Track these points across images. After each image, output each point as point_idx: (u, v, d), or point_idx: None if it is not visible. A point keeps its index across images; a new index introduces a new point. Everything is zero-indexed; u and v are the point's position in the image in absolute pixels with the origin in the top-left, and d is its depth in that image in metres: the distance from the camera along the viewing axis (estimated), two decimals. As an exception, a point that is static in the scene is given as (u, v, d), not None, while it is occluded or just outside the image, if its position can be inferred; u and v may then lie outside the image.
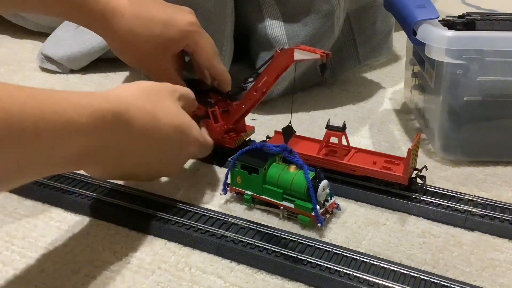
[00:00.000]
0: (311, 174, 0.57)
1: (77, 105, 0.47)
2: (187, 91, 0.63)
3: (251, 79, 0.66)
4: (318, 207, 0.56)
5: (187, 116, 0.59)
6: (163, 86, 0.59)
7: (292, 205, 0.58)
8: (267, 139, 0.70)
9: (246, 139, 0.71)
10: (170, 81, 0.68)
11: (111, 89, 0.55)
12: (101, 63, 1.00)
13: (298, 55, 0.56)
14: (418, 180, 0.63)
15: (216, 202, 0.63)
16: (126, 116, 0.51)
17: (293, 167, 0.59)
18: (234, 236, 0.55)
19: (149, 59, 0.67)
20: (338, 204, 0.60)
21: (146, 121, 0.54)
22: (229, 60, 0.82)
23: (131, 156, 0.55)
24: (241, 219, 0.58)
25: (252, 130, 0.72)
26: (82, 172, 0.64)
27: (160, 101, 0.56)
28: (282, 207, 0.59)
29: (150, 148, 0.56)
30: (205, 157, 0.66)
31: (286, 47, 0.80)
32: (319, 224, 0.56)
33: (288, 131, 0.59)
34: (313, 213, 0.56)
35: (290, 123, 0.58)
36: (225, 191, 0.62)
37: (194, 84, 0.72)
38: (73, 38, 1.01)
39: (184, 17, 0.66)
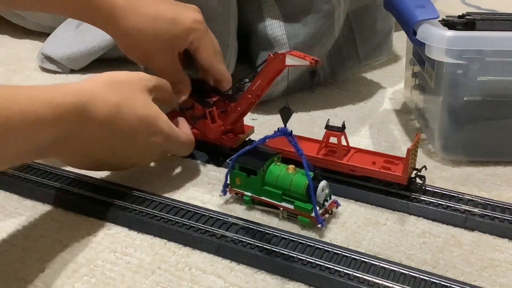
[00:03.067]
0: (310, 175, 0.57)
1: (42, 100, 0.50)
2: (162, 82, 0.64)
3: (246, 80, 0.66)
4: (317, 207, 0.56)
5: (154, 107, 0.61)
6: (132, 77, 0.61)
7: (291, 206, 0.58)
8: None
9: (246, 139, 0.71)
10: (176, 77, 0.69)
11: (78, 81, 0.58)
12: (101, 63, 1.00)
13: (290, 60, 0.56)
14: (418, 180, 0.63)
15: (216, 202, 0.63)
16: (89, 108, 0.54)
17: (291, 167, 0.59)
18: (234, 236, 0.55)
19: (155, 56, 0.68)
20: (338, 202, 0.60)
21: (109, 112, 0.56)
22: (234, 59, 0.82)
23: (97, 145, 0.58)
24: (241, 219, 0.58)
25: (251, 130, 0.72)
26: (84, 172, 0.65)
27: (126, 93, 0.58)
28: (281, 208, 0.59)
29: (115, 138, 0.58)
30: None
31: (286, 47, 0.81)
32: (319, 226, 0.56)
33: (285, 112, 0.57)
34: (313, 214, 0.56)
35: (287, 104, 0.57)
36: (224, 192, 0.62)
37: (197, 84, 0.72)
38: (73, 38, 1.01)
39: (190, 14, 0.67)
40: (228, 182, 0.62)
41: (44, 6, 0.68)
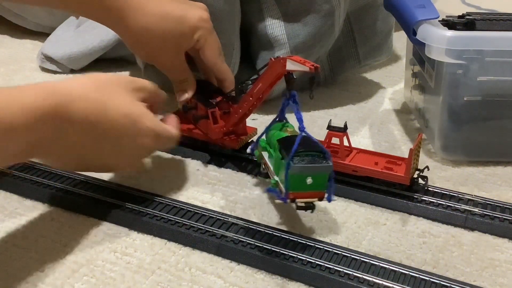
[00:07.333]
0: None
1: (17, 106, 0.48)
2: (146, 83, 0.62)
3: (249, 82, 0.66)
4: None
5: (140, 106, 0.58)
6: (117, 77, 0.60)
7: None
8: None
9: (249, 141, 0.71)
10: (182, 76, 0.70)
11: (62, 80, 0.55)
12: (101, 63, 1.00)
13: (290, 65, 0.56)
14: (420, 181, 0.62)
15: (216, 202, 0.63)
16: (69, 108, 0.51)
17: (289, 130, 0.60)
18: (234, 236, 0.55)
19: (162, 55, 0.68)
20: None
21: (92, 111, 0.53)
22: (238, 59, 0.82)
23: (79, 147, 0.55)
24: (241, 219, 0.58)
25: (254, 131, 0.72)
26: (84, 172, 0.65)
27: (111, 92, 0.56)
28: None
29: (99, 139, 0.55)
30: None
31: (286, 47, 0.81)
32: None
33: (289, 79, 0.56)
34: None
35: (291, 71, 0.56)
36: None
37: (201, 84, 0.72)
38: (73, 38, 1.01)
39: (197, 12, 0.67)
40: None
41: (56, 3, 0.69)
